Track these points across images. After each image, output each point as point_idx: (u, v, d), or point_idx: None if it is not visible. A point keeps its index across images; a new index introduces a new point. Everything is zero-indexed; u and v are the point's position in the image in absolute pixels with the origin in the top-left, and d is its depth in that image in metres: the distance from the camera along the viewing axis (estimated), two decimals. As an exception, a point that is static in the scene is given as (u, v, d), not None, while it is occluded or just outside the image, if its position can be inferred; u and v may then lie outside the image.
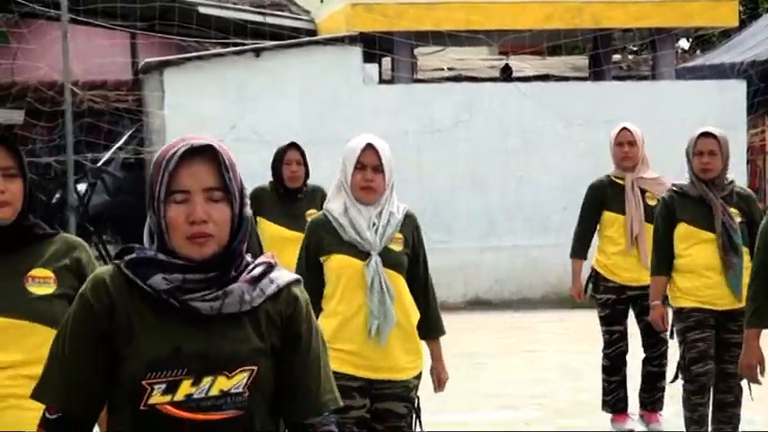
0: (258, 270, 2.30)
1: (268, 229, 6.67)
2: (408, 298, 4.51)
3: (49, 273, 2.98)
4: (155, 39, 14.39)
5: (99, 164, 14.27)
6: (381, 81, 13.96)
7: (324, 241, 4.48)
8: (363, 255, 4.43)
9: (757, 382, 4.93)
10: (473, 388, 8.24)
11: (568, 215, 12.91)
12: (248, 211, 2.31)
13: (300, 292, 2.35)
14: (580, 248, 6.97)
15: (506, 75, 14.97)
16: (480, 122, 13.06)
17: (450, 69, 15.74)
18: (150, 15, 14.02)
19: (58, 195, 13.98)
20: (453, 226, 12.94)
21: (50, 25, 13.44)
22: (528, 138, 13.09)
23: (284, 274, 2.34)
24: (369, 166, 4.39)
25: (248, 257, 2.32)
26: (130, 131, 14.67)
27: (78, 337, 2.26)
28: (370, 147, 4.41)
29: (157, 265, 2.24)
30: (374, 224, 4.44)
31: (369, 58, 13.32)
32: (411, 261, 4.53)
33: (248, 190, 2.37)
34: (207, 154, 2.26)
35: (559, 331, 10.87)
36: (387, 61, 14.27)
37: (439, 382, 4.72)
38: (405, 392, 4.46)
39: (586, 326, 10.31)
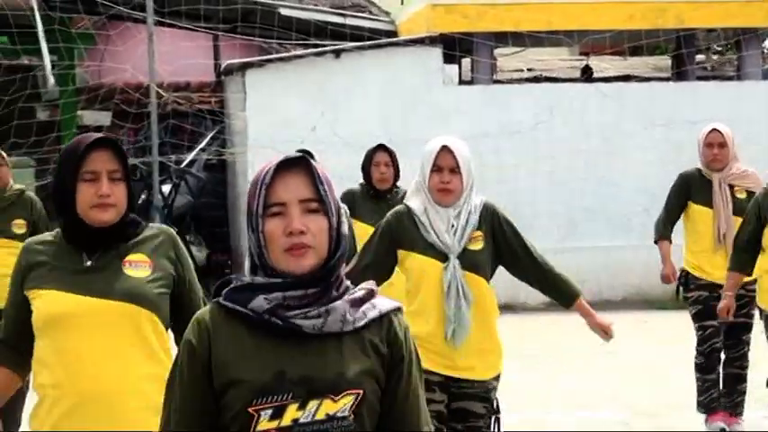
0: (360, 293, 2.30)
1: (359, 230, 6.68)
2: (489, 299, 4.50)
3: (144, 257, 3.08)
4: (237, 40, 14.57)
5: (182, 165, 14.47)
6: (461, 82, 13.95)
7: (406, 234, 4.48)
8: (442, 257, 4.43)
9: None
10: (553, 388, 8.21)
11: (650, 217, 12.80)
12: (346, 229, 2.31)
13: (402, 320, 2.34)
14: (665, 231, 6.87)
15: (587, 75, 14.86)
16: (560, 123, 12.98)
17: (529, 70, 15.67)
18: (232, 17, 14.20)
19: (143, 196, 14.20)
20: (533, 227, 12.82)
21: (136, 27, 13.69)
22: (609, 139, 12.98)
23: (386, 302, 2.33)
24: (445, 168, 4.40)
25: (348, 282, 2.32)
26: (213, 133, 14.84)
27: (186, 381, 2.28)
28: (445, 149, 4.42)
29: (257, 287, 2.25)
30: (452, 226, 4.44)
31: (448, 59, 13.33)
32: (501, 253, 4.51)
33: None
34: (301, 166, 2.27)
35: (642, 332, 10.75)
36: (466, 62, 14.25)
37: (606, 332, 4.57)
38: (484, 392, 4.45)
39: (670, 327, 10.21)
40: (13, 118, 12.77)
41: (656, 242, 6.94)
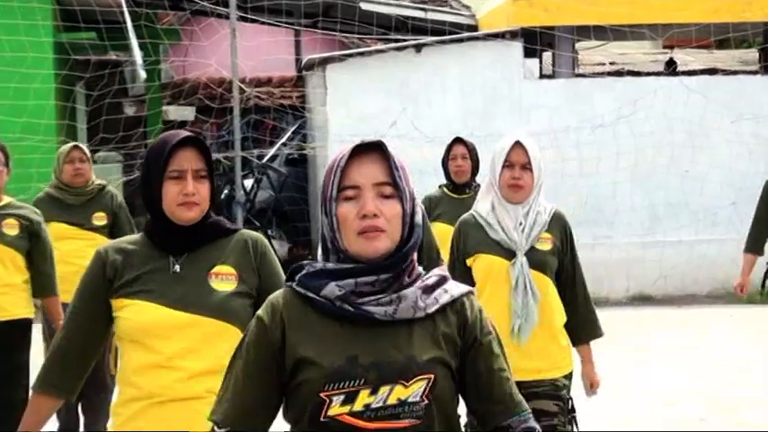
0: (432, 280, 2.29)
1: (439, 231, 6.62)
2: (554, 299, 4.45)
3: (231, 269, 3.05)
4: (318, 35, 14.66)
5: (264, 160, 14.60)
6: (542, 76, 13.86)
7: (470, 241, 4.47)
8: (509, 254, 4.39)
9: None
10: (637, 384, 8.13)
11: (737, 210, 12.63)
12: (419, 218, 2.29)
13: (474, 302, 2.33)
14: (753, 244, 6.81)
15: (671, 69, 14.66)
16: (643, 117, 12.83)
17: (611, 64, 15.51)
18: (314, 12, 14.29)
19: (225, 191, 14.37)
20: (616, 221, 12.77)
21: (219, 23, 13.84)
22: (694, 132, 12.80)
23: (458, 286, 2.33)
24: (517, 165, 4.37)
25: (420, 268, 2.31)
26: (294, 127, 14.95)
27: (253, 358, 2.29)
28: (518, 145, 4.38)
29: (328, 274, 2.24)
30: (521, 224, 4.40)
31: (529, 53, 13.26)
32: (560, 262, 4.47)
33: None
34: (376, 151, 2.26)
35: (728, 327, 10.58)
36: (547, 56, 14.16)
37: (591, 385, 4.60)
38: (554, 391, 4.38)
39: (757, 322, 10.04)
40: (102, 113, 13.02)
41: (744, 251, 6.87)
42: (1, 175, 5.45)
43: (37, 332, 6.00)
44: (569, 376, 4.47)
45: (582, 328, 4.52)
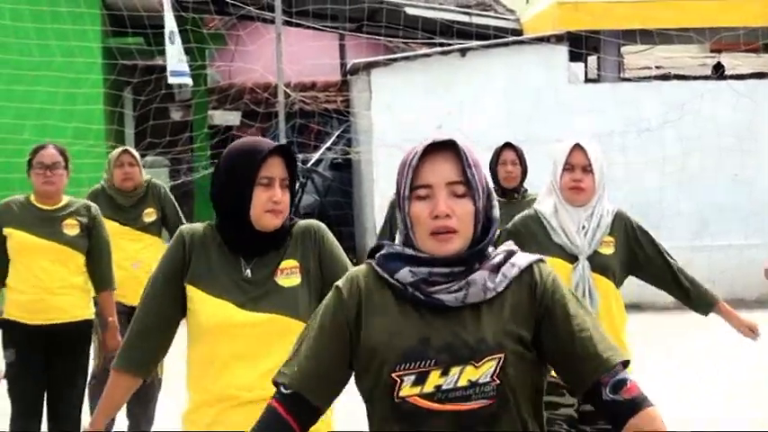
0: (499, 258, 2.29)
1: None
2: (616, 303, 4.43)
3: (294, 262, 3.09)
4: (363, 40, 14.69)
5: (309, 164, 14.65)
6: (587, 80, 13.81)
7: (533, 239, 4.43)
8: (572, 258, 4.38)
9: None
10: (693, 388, 8.08)
11: (787, 215, 12.52)
12: (496, 212, 2.30)
13: (544, 268, 2.31)
14: None
15: (719, 73, 14.54)
16: (690, 121, 12.74)
17: (657, 68, 15.41)
18: (359, 17, 14.32)
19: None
20: (662, 226, 12.63)
21: (264, 27, 13.92)
22: (743, 137, 12.69)
23: (525, 256, 2.32)
24: (577, 167, 4.36)
25: (490, 249, 2.30)
26: (339, 132, 14.99)
27: (326, 325, 2.31)
28: (578, 147, 4.38)
29: (405, 259, 2.27)
30: (584, 227, 4.38)
31: (574, 57, 13.21)
32: (633, 260, 4.44)
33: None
34: (449, 150, 2.26)
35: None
36: (592, 60, 14.10)
37: (752, 330, 4.70)
38: None
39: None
40: (149, 118, 13.12)
41: None
42: (61, 178, 5.52)
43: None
44: None
45: (705, 298, 4.59)
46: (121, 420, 6.59)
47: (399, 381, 2.21)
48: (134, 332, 3.14)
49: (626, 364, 2.26)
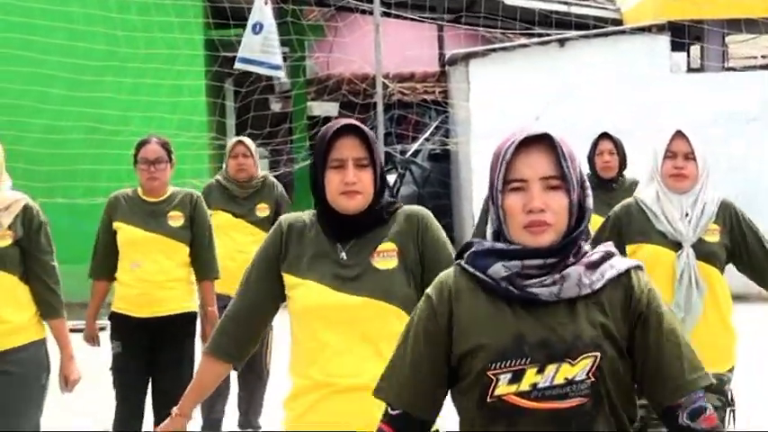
0: (597, 256, 2.26)
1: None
2: (722, 291, 4.39)
3: (392, 245, 3.04)
4: (461, 30, 14.67)
5: (407, 155, 14.69)
6: (690, 70, 13.59)
7: (635, 226, 4.41)
8: (675, 246, 4.34)
9: None
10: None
11: None
12: (590, 203, 2.27)
13: (642, 276, 2.28)
14: None
15: (826, 61, 14.19)
16: (796, 111, 12.47)
17: (763, 57, 15.09)
18: (457, 7, 14.31)
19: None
20: (764, 215, 12.41)
21: (363, 19, 13.98)
22: None
23: (624, 260, 2.29)
24: (679, 154, 4.34)
25: (586, 246, 2.28)
26: (437, 123, 15.00)
27: (421, 336, 2.30)
28: (680, 134, 4.36)
29: (496, 254, 2.25)
30: (687, 214, 4.34)
31: (676, 46, 13.01)
32: (736, 249, 4.39)
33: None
34: (544, 143, 2.24)
35: None
36: (695, 49, 13.87)
37: None
38: (717, 384, 4.35)
39: None
40: (250, 110, 13.30)
41: None
42: (165, 172, 5.62)
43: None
44: (732, 370, 4.42)
45: None
46: (231, 410, 6.73)
47: (495, 379, 2.19)
48: (227, 318, 3.16)
49: (708, 387, 2.22)
